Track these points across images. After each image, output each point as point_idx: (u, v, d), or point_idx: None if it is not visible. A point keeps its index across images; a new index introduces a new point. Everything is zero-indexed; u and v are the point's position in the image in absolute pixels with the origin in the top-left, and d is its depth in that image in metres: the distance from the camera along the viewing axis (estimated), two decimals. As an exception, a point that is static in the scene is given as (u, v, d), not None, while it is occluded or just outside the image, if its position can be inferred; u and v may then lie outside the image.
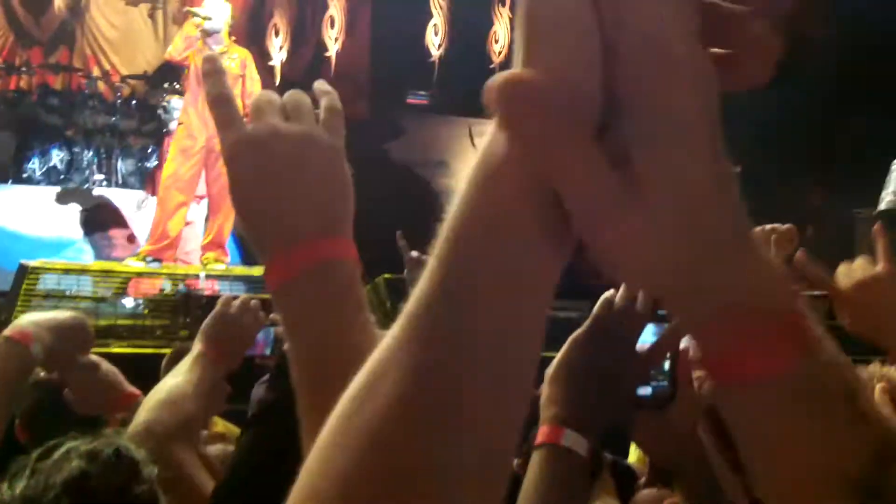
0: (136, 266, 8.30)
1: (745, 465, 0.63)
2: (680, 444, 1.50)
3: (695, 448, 1.52)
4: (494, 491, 0.57)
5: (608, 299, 1.43)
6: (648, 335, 1.45)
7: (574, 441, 1.35)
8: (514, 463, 2.12)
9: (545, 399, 1.41)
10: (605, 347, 1.41)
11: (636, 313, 1.42)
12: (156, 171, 9.89)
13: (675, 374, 1.46)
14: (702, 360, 0.59)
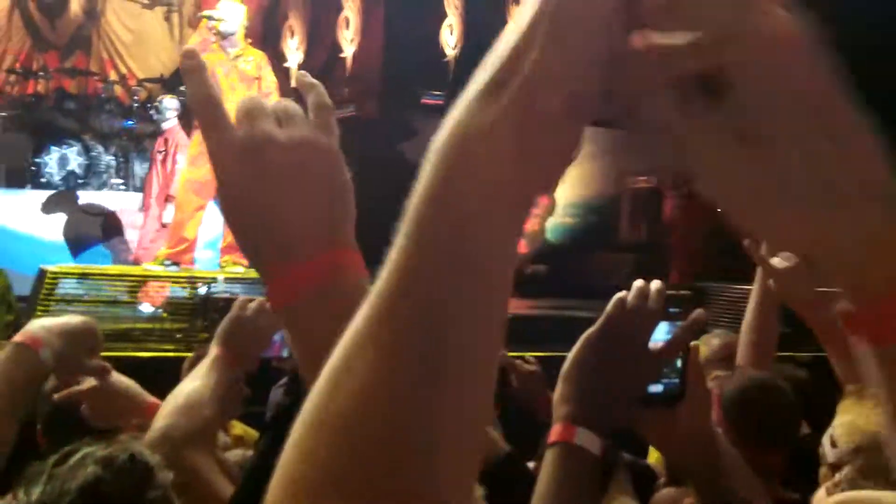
0: (154, 270, 8.32)
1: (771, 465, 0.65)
2: (691, 441, 1.50)
3: (706, 445, 1.51)
4: (472, 461, 0.58)
5: (621, 298, 1.43)
6: (661, 333, 1.45)
7: (587, 439, 1.36)
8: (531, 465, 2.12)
9: (558, 397, 1.42)
10: (617, 346, 1.41)
11: (648, 312, 1.43)
12: (148, 175, 9.76)
13: (685, 372, 1.46)
14: (853, 319, 0.63)
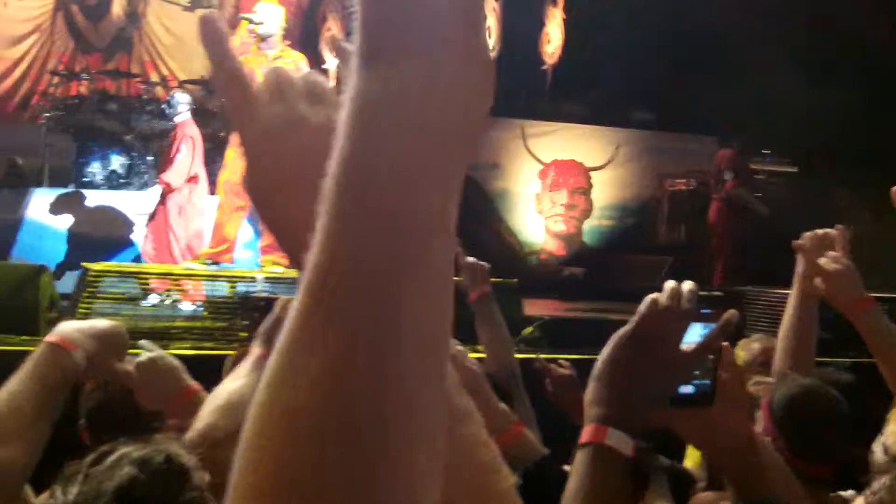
0: (194, 268, 8.37)
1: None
2: (726, 441, 1.51)
3: (743, 446, 1.52)
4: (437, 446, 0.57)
5: (654, 299, 1.44)
6: (695, 335, 1.46)
7: (618, 440, 1.36)
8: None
9: (589, 398, 1.42)
10: (649, 346, 1.42)
11: (681, 312, 1.43)
12: (161, 169, 9.69)
13: (716, 373, 1.47)
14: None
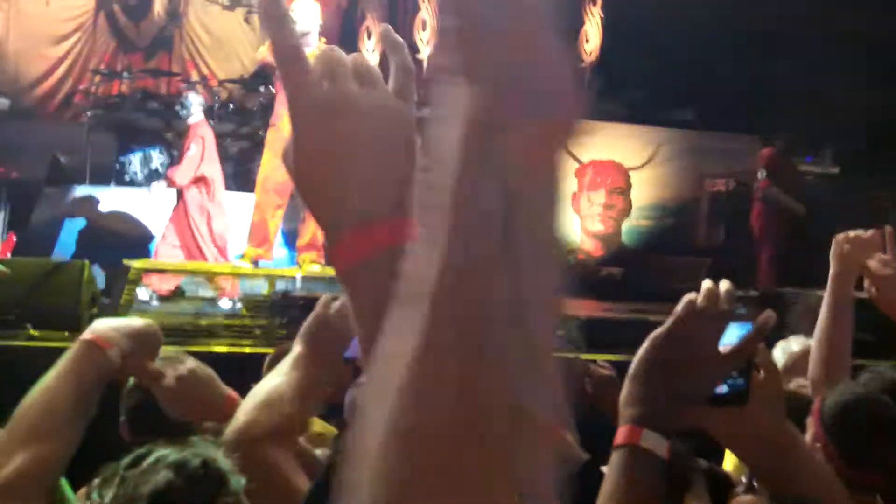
0: (234, 266, 8.41)
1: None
2: (761, 442, 1.50)
3: (779, 447, 1.51)
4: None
5: (690, 300, 1.43)
6: (731, 336, 1.45)
7: (653, 441, 1.36)
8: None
9: (624, 399, 1.42)
10: (685, 347, 1.41)
11: (718, 313, 1.42)
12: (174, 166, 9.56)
13: (750, 373, 1.46)
14: None
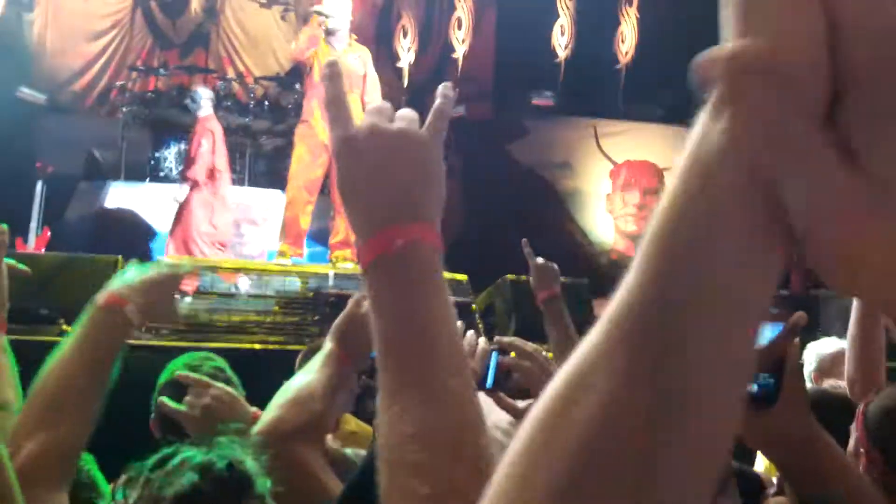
0: (266, 263, 8.42)
1: None
2: (789, 442, 1.49)
3: (807, 448, 1.50)
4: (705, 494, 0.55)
5: None
6: (762, 335, 1.44)
7: None
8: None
9: None
10: None
11: None
12: (186, 165, 9.53)
13: (781, 374, 1.45)
14: None
